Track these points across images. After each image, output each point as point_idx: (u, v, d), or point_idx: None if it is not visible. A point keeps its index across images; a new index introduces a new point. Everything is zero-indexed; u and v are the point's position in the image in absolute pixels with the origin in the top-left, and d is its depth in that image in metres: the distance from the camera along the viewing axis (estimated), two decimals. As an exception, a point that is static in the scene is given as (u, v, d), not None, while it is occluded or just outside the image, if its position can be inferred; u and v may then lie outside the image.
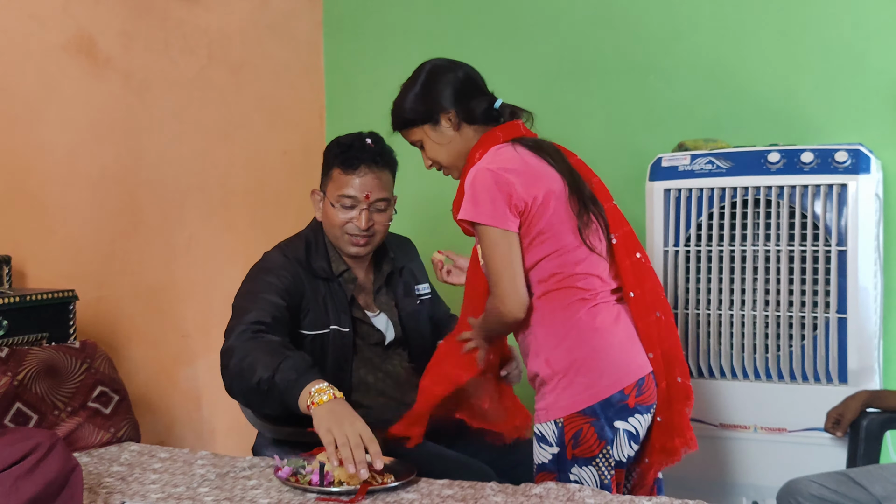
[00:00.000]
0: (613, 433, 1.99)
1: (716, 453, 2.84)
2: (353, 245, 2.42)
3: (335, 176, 2.42)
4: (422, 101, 2.13)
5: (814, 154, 2.71)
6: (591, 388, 1.98)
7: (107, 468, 2.14)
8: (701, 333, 2.83)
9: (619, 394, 1.99)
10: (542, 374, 2.03)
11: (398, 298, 2.55)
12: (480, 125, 2.13)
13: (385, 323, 2.51)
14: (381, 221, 2.44)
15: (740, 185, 2.77)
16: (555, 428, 2.01)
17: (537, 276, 2.03)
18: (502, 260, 1.99)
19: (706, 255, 2.82)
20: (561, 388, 2.00)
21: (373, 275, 2.54)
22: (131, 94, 3.00)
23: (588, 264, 2.03)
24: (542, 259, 2.02)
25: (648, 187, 2.89)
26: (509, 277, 1.99)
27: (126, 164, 2.98)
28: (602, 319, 2.01)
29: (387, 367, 2.48)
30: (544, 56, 3.44)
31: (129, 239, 2.98)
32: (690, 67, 3.24)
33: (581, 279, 2.02)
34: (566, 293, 2.02)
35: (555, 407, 2.01)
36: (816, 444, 2.68)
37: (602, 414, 1.98)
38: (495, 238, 1.99)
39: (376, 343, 2.48)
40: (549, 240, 2.01)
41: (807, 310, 2.70)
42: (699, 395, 2.83)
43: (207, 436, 3.27)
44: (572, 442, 1.99)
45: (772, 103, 3.11)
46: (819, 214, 2.69)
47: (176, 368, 3.16)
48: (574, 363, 2.00)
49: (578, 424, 1.99)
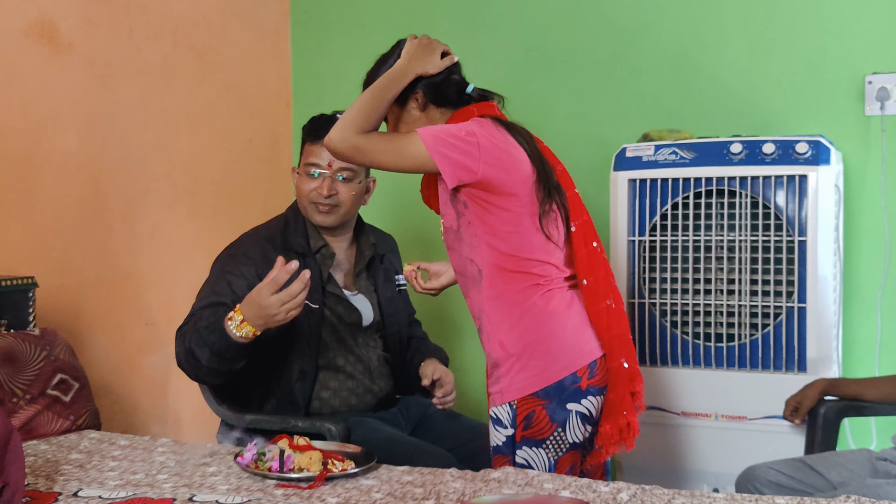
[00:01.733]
0: (566, 414, 2.00)
1: (677, 441, 2.86)
2: (317, 213, 2.48)
3: (305, 149, 2.51)
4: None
5: (775, 145, 2.73)
6: (544, 372, 2.00)
7: (65, 455, 2.12)
8: (664, 322, 2.85)
9: (571, 376, 2.00)
10: (496, 356, 2.04)
11: (378, 283, 2.58)
12: (448, 108, 2.13)
13: (363, 304, 2.52)
14: (346, 192, 2.47)
15: (703, 176, 2.79)
16: (509, 410, 2.02)
17: (494, 249, 2.03)
18: (395, 144, 2.01)
19: (670, 245, 2.84)
20: (515, 371, 2.02)
21: (354, 258, 2.56)
22: (94, 80, 2.96)
23: (544, 252, 2.04)
24: (499, 230, 2.02)
25: (613, 177, 2.90)
26: (379, 142, 2.00)
27: (89, 151, 2.94)
28: (556, 304, 2.03)
29: (359, 352, 2.49)
30: (511, 46, 3.44)
31: (92, 226, 2.95)
32: (656, 59, 3.25)
33: (536, 265, 2.04)
34: (521, 277, 2.03)
35: (509, 390, 2.02)
36: (775, 431, 2.71)
37: (555, 396, 2.00)
38: (413, 142, 1.97)
39: (352, 323, 2.49)
40: (509, 218, 2.02)
41: (769, 299, 2.73)
42: (662, 384, 2.85)
43: (172, 424, 3.25)
44: (524, 423, 2.00)
45: (735, 95, 3.13)
46: (780, 205, 2.71)
47: (140, 357, 3.14)
48: (528, 346, 2.01)
49: (531, 407, 2.00)
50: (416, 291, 2.42)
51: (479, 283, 2.06)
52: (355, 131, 2.00)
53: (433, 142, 1.97)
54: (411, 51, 2.10)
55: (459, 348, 3.48)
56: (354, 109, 2.03)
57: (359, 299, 2.52)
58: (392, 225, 2.99)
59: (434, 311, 3.39)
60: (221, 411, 2.44)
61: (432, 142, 1.97)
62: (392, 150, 2.01)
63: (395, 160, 2.02)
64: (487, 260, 2.04)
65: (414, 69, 2.08)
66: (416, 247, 3.37)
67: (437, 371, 2.51)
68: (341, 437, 2.23)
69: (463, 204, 2.04)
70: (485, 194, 2.00)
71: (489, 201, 2.01)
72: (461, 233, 2.06)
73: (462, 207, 2.04)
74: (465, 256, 2.07)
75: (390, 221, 3.18)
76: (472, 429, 2.48)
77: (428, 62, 2.10)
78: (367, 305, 2.53)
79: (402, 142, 2.01)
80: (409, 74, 2.08)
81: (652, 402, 2.82)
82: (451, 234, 2.10)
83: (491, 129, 2.03)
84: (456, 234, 2.08)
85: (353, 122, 2.01)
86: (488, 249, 2.03)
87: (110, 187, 3.02)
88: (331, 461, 1.95)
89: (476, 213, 2.02)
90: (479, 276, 2.05)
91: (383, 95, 2.06)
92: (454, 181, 1.98)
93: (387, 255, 2.65)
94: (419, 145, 1.97)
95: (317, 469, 1.90)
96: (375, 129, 2.04)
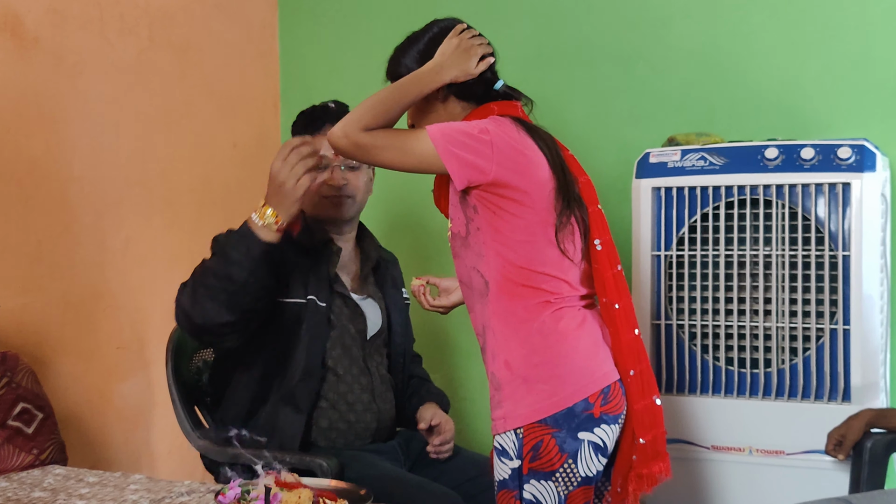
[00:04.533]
0: (577, 445, 2.00)
1: (707, 478, 2.84)
2: (332, 207, 2.54)
3: None
4: (418, 61, 2.16)
5: (815, 150, 2.72)
6: (553, 396, 2.00)
7: (27, 493, 2.12)
8: (692, 346, 2.84)
9: (583, 402, 2.00)
10: (501, 377, 2.04)
11: (386, 291, 2.61)
12: (471, 103, 2.15)
13: (372, 309, 2.55)
14: (357, 180, 2.54)
15: (735, 184, 2.78)
16: (514, 439, 2.01)
17: (504, 260, 2.04)
18: (400, 141, 2.03)
19: (699, 260, 2.82)
20: (520, 395, 2.02)
21: (359, 260, 2.58)
22: (63, 78, 2.98)
23: (558, 267, 2.06)
24: (510, 239, 2.03)
25: (635, 185, 2.90)
26: (383, 138, 2.02)
27: (56, 156, 2.95)
28: (566, 323, 2.03)
29: (364, 364, 2.50)
30: (521, 41, 3.44)
31: (58, 240, 2.96)
32: (682, 55, 3.25)
33: (547, 281, 2.05)
34: (530, 292, 2.03)
35: (513, 415, 2.02)
36: (816, 467, 2.69)
37: (565, 424, 1.99)
38: (421, 139, 1.99)
39: (358, 331, 2.50)
40: (521, 226, 2.03)
41: (809, 320, 2.71)
42: (690, 415, 2.84)
43: (145, 459, 3.25)
44: (531, 454, 1.99)
45: (770, 95, 3.13)
46: (821, 216, 2.70)
47: (110, 384, 3.14)
48: (535, 368, 2.01)
49: (539, 435, 1.99)
50: (424, 308, 2.42)
51: (484, 296, 2.07)
52: (360, 128, 2.02)
53: (442, 139, 1.98)
54: (447, 54, 2.11)
55: (464, 373, 3.48)
56: (366, 105, 2.05)
57: (367, 304, 2.56)
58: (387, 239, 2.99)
59: (435, 330, 3.38)
60: (201, 444, 2.44)
61: (441, 139, 1.98)
62: (397, 146, 2.03)
63: (400, 158, 2.03)
64: (495, 271, 2.04)
65: (445, 77, 2.11)
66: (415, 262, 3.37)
67: (437, 416, 2.52)
68: (334, 473, 2.22)
69: (473, 208, 2.04)
70: (497, 198, 2.01)
71: (501, 206, 2.01)
72: (469, 240, 2.07)
73: (472, 212, 2.05)
74: (471, 266, 2.08)
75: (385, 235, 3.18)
76: (477, 464, 2.48)
77: (463, 70, 2.12)
78: (376, 311, 2.57)
79: (409, 139, 2.03)
80: (439, 82, 2.11)
81: (678, 435, 2.81)
82: (459, 240, 2.11)
83: (508, 127, 2.04)
84: (464, 240, 2.09)
85: (360, 119, 2.03)
86: (497, 260, 2.04)
87: (79, 196, 3.03)
88: (322, 500, 1.94)
89: (486, 218, 2.03)
90: (486, 288, 2.06)
91: (402, 97, 2.08)
92: (463, 182, 1.99)
93: (391, 263, 2.70)
94: (426, 143, 1.99)
95: (307, 508, 1.89)
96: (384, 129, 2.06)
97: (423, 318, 2.90)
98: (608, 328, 2.09)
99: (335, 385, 2.46)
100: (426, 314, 2.71)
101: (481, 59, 2.14)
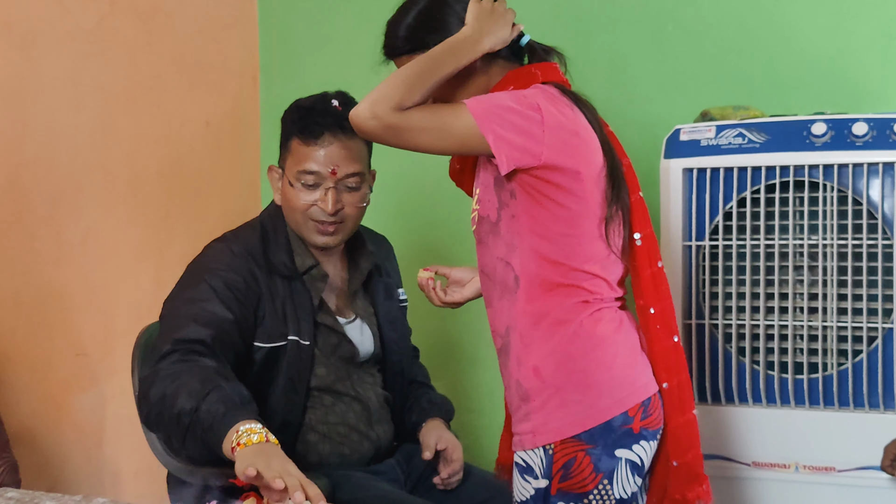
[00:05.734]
0: (614, 463, 1.98)
1: (747, 498, 2.81)
2: (319, 234, 2.43)
3: (294, 148, 2.44)
4: (424, 24, 2.12)
5: (868, 125, 2.68)
6: (590, 409, 1.99)
7: (-28, 524, 2.09)
8: (730, 349, 2.81)
9: (622, 416, 1.99)
10: (528, 386, 2.02)
11: (378, 304, 2.56)
12: (504, 62, 2.11)
13: (360, 333, 2.51)
14: (353, 203, 2.44)
15: (778, 164, 2.74)
16: (543, 456, 2.00)
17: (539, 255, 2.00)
18: (438, 119, 1.97)
19: (736, 251, 2.79)
20: (552, 407, 2.00)
21: (347, 273, 2.54)
22: (13, 49, 2.93)
23: (600, 264, 2.04)
24: (550, 231, 2.00)
25: (664, 166, 2.86)
26: (419, 118, 1.96)
27: (7, 137, 2.91)
28: (604, 327, 2.02)
29: (356, 391, 2.47)
30: (536, 3, 3.42)
31: (9, 232, 2.91)
32: (717, 18, 3.19)
33: (588, 279, 2.03)
34: (568, 291, 2.01)
35: (544, 430, 2.00)
36: (871, 485, 2.66)
37: (601, 440, 1.98)
38: (461, 116, 1.95)
39: (346, 359, 2.45)
40: (566, 217, 1.99)
41: (862, 319, 2.68)
42: (728, 427, 2.82)
43: (109, 480, 3.22)
44: (561, 473, 1.99)
45: (817, 63, 3.08)
46: (875, 200, 2.67)
47: (69, 395, 3.10)
48: (570, 376, 2.00)
49: (571, 452, 1.98)
50: (435, 305, 2.39)
51: (512, 292, 2.05)
52: (391, 107, 1.94)
53: (486, 117, 1.93)
54: (483, 18, 2.05)
55: (470, 382, 3.45)
56: (396, 80, 1.96)
57: (354, 327, 2.50)
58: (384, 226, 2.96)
59: (437, 333, 3.36)
60: (172, 463, 2.42)
61: (486, 118, 1.93)
62: (435, 127, 1.96)
63: (439, 141, 1.97)
64: (528, 266, 2.02)
65: (484, 46, 2.05)
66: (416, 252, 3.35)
67: (443, 441, 2.48)
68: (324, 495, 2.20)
69: (510, 193, 2.01)
70: (543, 184, 1.97)
71: (545, 193, 1.98)
72: (500, 227, 2.04)
73: (508, 196, 2.01)
74: (499, 257, 2.06)
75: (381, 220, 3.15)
76: (487, 484, 2.47)
77: (501, 37, 2.07)
78: (367, 334, 2.51)
79: (448, 117, 1.96)
80: (477, 52, 2.05)
81: (715, 450, 2.77)
82: (487, 225, 2.07)
83: (559, 102, 2.01)
84: (493, 226, 2.06)
85: (391, 97, 1.94)
86: (531, 253, 2.01)
87: (32, 183, 2.99)
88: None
89: (525, 205, 2.00)
90: (515, 284, 2.04)
91: (439, 69, 2.00)
92: (511, 166, 1.95)
93: (384, 265, 2.61)
94: (469, 121, 1.93)
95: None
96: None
97: (423, 320, 2.87)
98: (644, 334, 2.08)
99: (324, 417, 2.42)
100: (424, 312, 2.68)
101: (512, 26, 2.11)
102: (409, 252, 2.90)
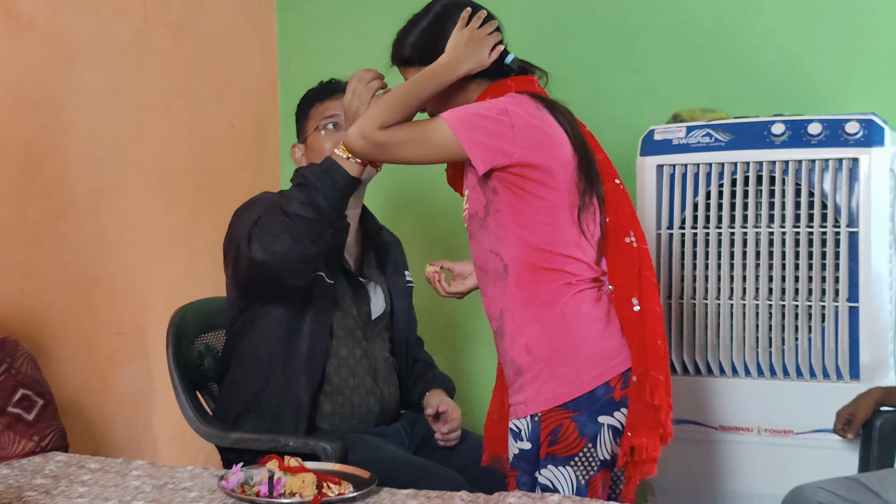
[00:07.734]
0: (597, 428, 2.01)
1: (715, 458, 2.86)
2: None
3: (316, 110, 2.59)
4: (424, 40, 2.15)
5: (822, 125, 2.72)
6: (576, 380, 2.01)
7: (29, 480, 2.13)
8: (698, 326, 2.85)
9: (604, 386, 2.01)
10: (521, 361, 2.05)
11: (387, 275, 2.61)
12: (484, 80, 2.13)
13: (374, 291, 2.55)
14: None
15: (741, 160, 2.78)
16: (529, 423, 2.02)
17: (524, 243, 2.04)
18: (419, 133, 2.01)
19: (703, 239, 2.83)
20: (543, 379, 2.02)
21: (361, 243, 2.59)
22: (58, 60, 2.97)
23: (579, 248, 2.06)
24: (531, 221, 2.03)
25: (639, 163, 2.91)
26: (401, 133, 2.01)
27: (53, 138, 2.95)
28: (587, 306, 2.04)
29: (367, 347, 2.51)
30: (522, 14, 3.41)
31: (56, 223, 2.96)
32: (687, 28, 3.24)
33: (569, 262, 2.05)
34: (552, 275, 2.03)
35: (535, 400, 2.03)
36: (825, 447, 2.70)
37: (586, 408, 2.00)
38: (439, 128, 1.98)
39: (362, 313, 2.51)
40: (544, 208, 2.03)
41: (814, 298, 2.72)
42: (698, 395, 2.85)
43: (147, 445, 3.26)
44: (549, 438, 2.00)
45: (776, 69, 3.12)
46: (828, 192, 2.71)
47: (111, 370, 3.15)
48: (558, 351, 2.02)
49: (558, 419, 2.00)
50: (441, 296, 2.42)
51: (503, 279, 2.07)
52: (376, 126, 2.01)
53: (461, 126, 1.97)
54: (460, 46, 2.09)
55: (468, 356, 3.48)
56: (381, 105, 2.04)
57: (370, 287, 2.56)
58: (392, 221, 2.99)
59: (438, 313, 3.39)
60: (203, 429, 2.45)
61: (460, 126, 1.97)
62: (416, 139, 2.01)
63: (422, 151, 2.02)
64: (515, 254, 2.05)
65: (460, 71, 2.09)
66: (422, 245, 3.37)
67: (444, 403, 2.53)
68: (338, 457, 2.24)
69: (493, 190, 2.04)
70: (519, 180, 2.01)
71: (523, 188, 2.01)
72: (487, 221, 2.07)
73: (491, 194, 2.05)
74: (489, 248, 2.08)
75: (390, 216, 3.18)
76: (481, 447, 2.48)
77: (477, 62, 2.10)
78: (379, 293, 2.60)
79: (427, 130, 2.01)
80: (454, 76, 2.09)
81: (686, 416, 2.83)
82: (476, 221, 2.11)
83: (528, 105, 2.04)
84: (482, 222, 2.09)
85: (376, 118, 2.02)
86: (517, 243, 2.04)
87: (76, 179, 3.03)
88: (326, 484, 1.96)
89: (507, 200, 2.03)
90: (505, 272, 2.06)
91: (419, 92, 2.06)
92: (486, 165, 1.99)
93: (393, 245, 2.69)
94: (445, 131, 1.98)
95: (311, 493, 1.91)
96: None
97: (426, 301, 2.90)
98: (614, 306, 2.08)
99: (338, 369, 2.47)
100: (428, 296, 2.71)
101: (492, 49, 2.13)
102: (413, 243, 2.93)
